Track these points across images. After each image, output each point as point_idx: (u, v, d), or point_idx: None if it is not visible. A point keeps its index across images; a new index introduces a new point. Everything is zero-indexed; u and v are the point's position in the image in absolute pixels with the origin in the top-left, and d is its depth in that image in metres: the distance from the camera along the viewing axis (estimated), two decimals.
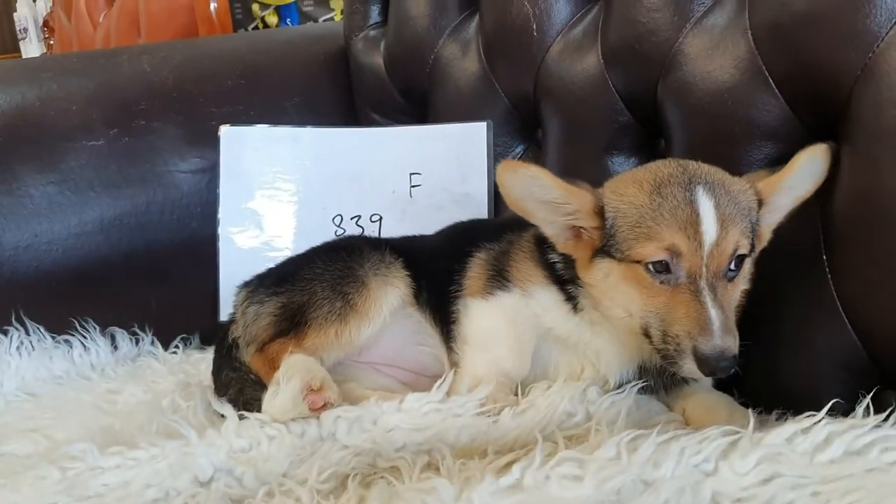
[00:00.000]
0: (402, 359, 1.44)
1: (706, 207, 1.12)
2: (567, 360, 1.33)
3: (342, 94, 2.06)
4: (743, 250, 1.14)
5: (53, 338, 1.70)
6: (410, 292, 1.43)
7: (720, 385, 1.34)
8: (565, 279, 1.29)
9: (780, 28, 1.27)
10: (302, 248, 1.80)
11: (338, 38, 2.14)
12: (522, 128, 1.77)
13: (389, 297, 1.40)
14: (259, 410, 1.26)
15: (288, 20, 3.46)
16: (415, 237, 1.58)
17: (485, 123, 1.74)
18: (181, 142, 1.82)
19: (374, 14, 2.03)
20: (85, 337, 1.72)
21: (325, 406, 1.22)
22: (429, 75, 1.87)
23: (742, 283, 1.20)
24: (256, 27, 3.38)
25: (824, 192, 1.25)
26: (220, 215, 1.84)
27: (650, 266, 1.14)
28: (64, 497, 1.12)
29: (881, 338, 1.19)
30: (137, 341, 1.78)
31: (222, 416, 1.30)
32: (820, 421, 1.00)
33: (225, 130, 1.85)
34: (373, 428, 1.21)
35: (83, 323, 1.71)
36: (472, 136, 1.76)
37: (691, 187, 1.14)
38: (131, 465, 1.17)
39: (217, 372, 1.44)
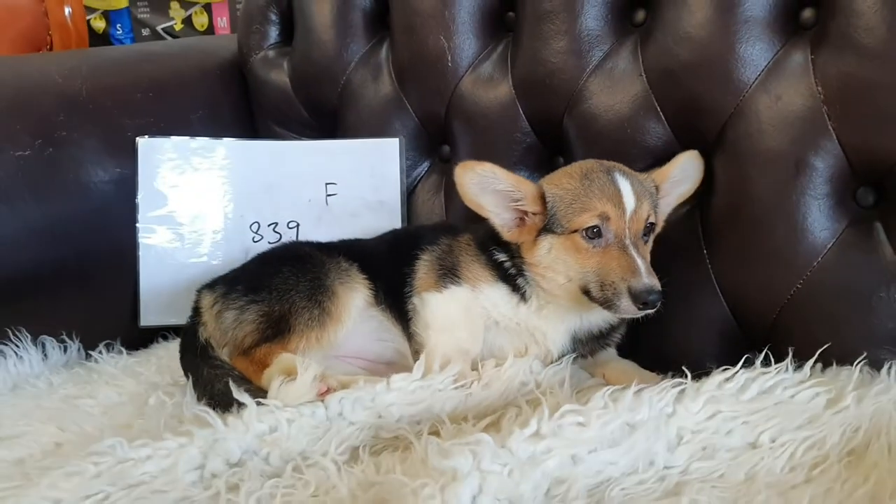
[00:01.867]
0: (366, 352, 1.65)
1: (625, 185, 1.46)
2: (511, 341, 1.59)
3: (240, 106, 2.19)
4: (652, 219, 1.49)
5: None
6: (371, 294, 1.64)
7: (623, 354, 1.69)
8: (513, 275, 1.57)
9: (670, 73, 1.63)
10: (221, 255, 1.96)
11: (228, 53, 2.26)
12: (429, 144, 2.02)
13: (356, 300, 1.61)
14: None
15: (118, 25, 3.42)
16: (353, 241, 1.79)
17: (398, 139, 1.97)
18: (101, 153, 1.87)
19: (274, 34, 2.19)
20: (18, 346, 1.74)
21: (328, 391, 1.41)
22: (340, 95, 2.07)
23: (649, 250, 1.52)
24: None
25: (703, 198, 1.63)
26: (139, 223, 1.92)
27: (585, 232, 1.46)
28: (109, 487, 1.22)
29: (749, 312, 1.59)
30: (65, 349, 1.82)
31: (214, 407, 1.44)
32: (738, 372, 1.35)
33: (142, 142, 1.92)
34: (372, 405, 1.40)
35: (15, 332, 1.73)
36: (385, 150, 1.98)
37: (611, 173, 1.48)
38: (164, 454, 1.28)
39: (194, 370, 1.55)
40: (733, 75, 1.57)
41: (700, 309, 1.64)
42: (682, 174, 1.58)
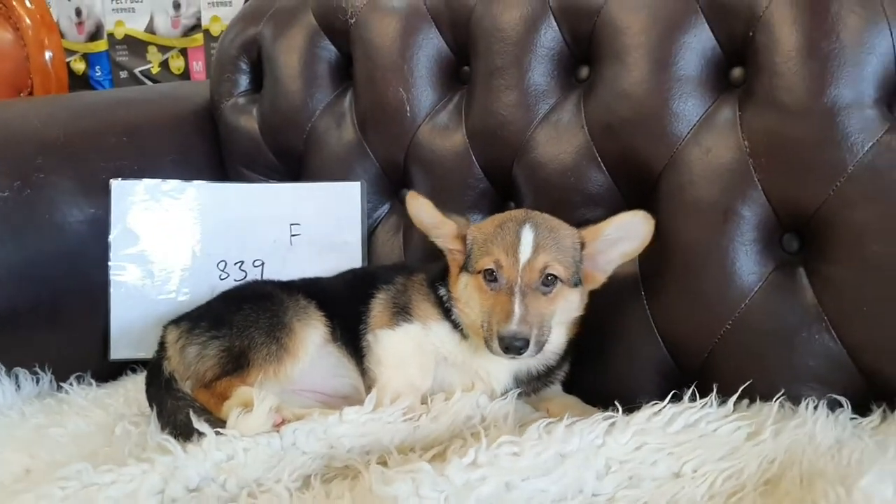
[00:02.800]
0: (323, 386, 1.73)
1: (527, 237, 1.55)
2: (460, 377, 1.68)
3: (211, 150, 2.28)
4: (553, 272, 1.54)
5: None
6: (328, 331, 1.72)
7: (568, 390, 1.78)
8: (449, 310, 1.67)
9: (610, 127, 1.75)
10: (189, 292, 2.05)
11: (201, 99, 2.35)
12: (390, 188, 2.12)
13: (312, 337, 1.69)
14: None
15: (97, 67, 3.52)
16: (313, 279, 1.88)
17: (359, 183, 2.08)
18: (76, 194, 1.94)
19: (244, 83, 2.29)
20: None
21: (283, 423, 1.50)
22: (305, 141, 2.17)
23: (563, 304, 1.59)
24: None
25: None
26: (111, 261, 2.00)
27: (484, 274, 1.56)
28: None
29: (684, 351, 1.69)
30: (38, 381, 1.89)
31: (177, 437, 1.52)
32: (664, 406, 1.45)
33: (116, 184, 2.01)
34: (325, 436, 1.49)
35: None
36: (347, 194, 2.08)
37: (522, 224, 1.57)
38: (127, 479, 1.36)
39: (159, 401, 1.63)
40: (667, 129, 1.69)
41: (639, 348, 1.74)
42: (621, 233, 1.62)
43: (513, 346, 1.47)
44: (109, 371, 1.99)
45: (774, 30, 1.57)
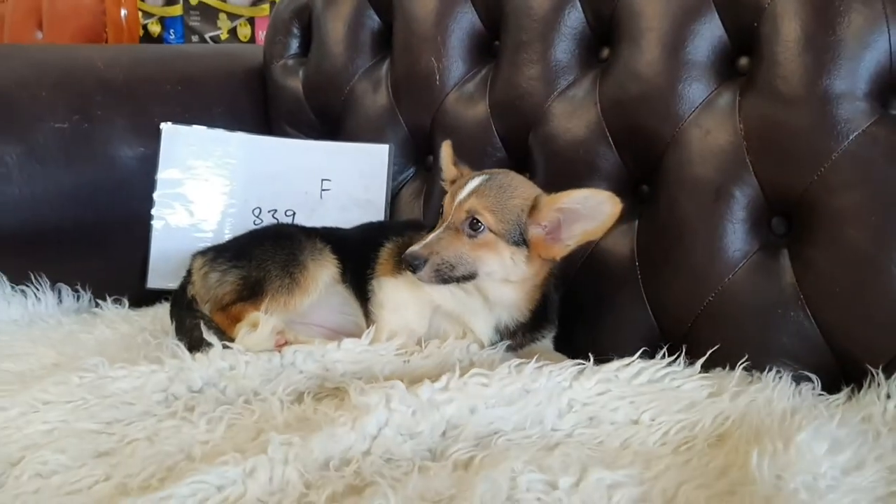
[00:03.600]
0: (329, 322, 1.87)
1: (471, 184, 1.64)
2: (452, 327, 1.79)
3: (258, 106, 2.46)
4: (479, 217, 1.60)
5: (13, 287, 1.97)
6: (338, 272, 1.86)
7: (559, 350, 1.88)
8: None
9: (619, 103, 1.85)
10: (224, 233, 2.21)
11: (254, 59, 2.54)
12: (415, 153, 2.26)
13: (323, 276, 1.83)
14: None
15: (171, 30, 3.75)
16: (334, 228, 2.02)
17: (388, 146, 2.22)
18: (129, 132, 2.14)
19: (294, 46, 2.47)
20: (38, 289, 2.01)
21: (285, 344, 1.65)
22: (343, 103, 2.33)
23: (491, 255, 1.62)
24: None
25: (641, 217, 1.83)
26: (156, 198, 2.18)
27: (440, 209, 1.69)
28: (89, 395, 1.46)
29: (669, 319, 1.77)
30: (78, 297, 2.08)
31: (191, 349, 1.67)
32: (634, 361, 1.55)
33: (166, 127, 2.19)
34: (321, 360, 1.62)
35: (38, 277, 2.00)
36: (376, 155, 2.23)
37: (479, 176, 1.67)
38: (137, 375, 1.52)
39: (179, 318, 1.80)
40: (672, 110, 1.77)
41: (629, 315, 1.83)
42: (578, 207, 1.61)
43: (408, 263, 1.60)
44: (145, 298, 2.16)
45: (778, 21, 1.65)
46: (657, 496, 1.19)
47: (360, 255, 1.88)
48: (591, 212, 1.61)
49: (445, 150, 1.82)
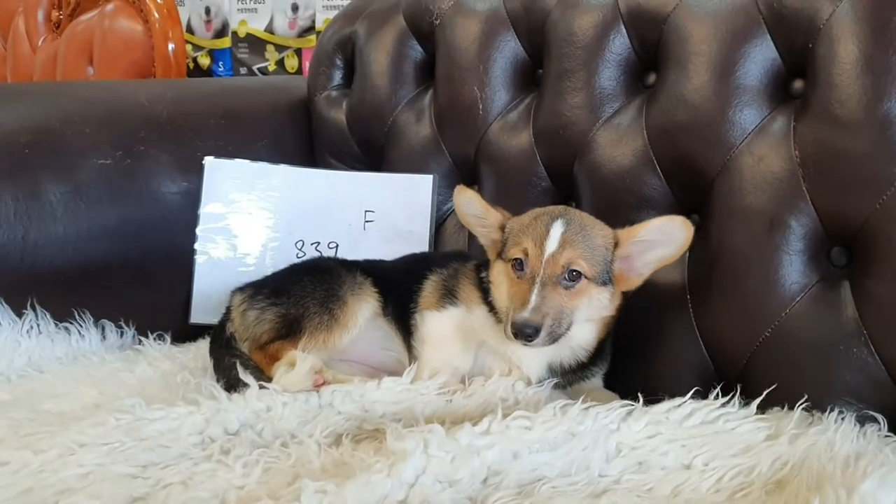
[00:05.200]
0: (370, 359, 1.83)
1: (555, 231, 1.58)
2: (498, 363, 1.74)
3: (302, 138, 2.45)
4: (577, 268, 1.56)
5: (56, 324, 1.98)
6: (379, 306, 1.83)
7: (609, 387, 1.82)
8: (487, 291, 1.73)
9: (667, 132, 1.79)
10: (267, 266, 2.19)
11: (299, 91, 2.54)
12: (460, 183, 2.22)
13: (363, 311, 1.79)
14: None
15: (220, 63, 3.80)
16: (376, 261, 1.99)
17: (431, 176, 2.19)
18: (172, 167, 2.15)
19: (337, 77, 2.46)
20: (81, 326, 2.01)
21: (323, 384, 1.61)
22: (387, 133, 2.31)
23: (587, 300, 1.60)
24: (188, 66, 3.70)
25: (691, 249, 1.76)
26: (199, 232, 2.18)
27: (513, 263, 1.61)
28: (125, 437, 1.45)
29: (723, 356, 1.70)
30: (122, 334, 2.08)
31: (229, 389, 1.65)
32: (686, 402, 1.48)
33: (209, 161, 2.19)
34: (360, 400, 1.59)
35: (81, 314, 2.01)
36: (420, 186, 2.20)
37: (554, 218, 1.61)
38: (174, 417, 1.50)
39: (217, 357, 1.78)
40: (722, 137, 1.71)
41: (680, 350, 1.76)
42: (657, 237, 1.61)
43: (522, 333, 1.51)
44: (188, 333, 2.15)
45: (833, 42, 1.57)
46: None
47: (403, 287, 1.84)
48: (665, 239, 1.60)
49: (471, 195, 1.74)
